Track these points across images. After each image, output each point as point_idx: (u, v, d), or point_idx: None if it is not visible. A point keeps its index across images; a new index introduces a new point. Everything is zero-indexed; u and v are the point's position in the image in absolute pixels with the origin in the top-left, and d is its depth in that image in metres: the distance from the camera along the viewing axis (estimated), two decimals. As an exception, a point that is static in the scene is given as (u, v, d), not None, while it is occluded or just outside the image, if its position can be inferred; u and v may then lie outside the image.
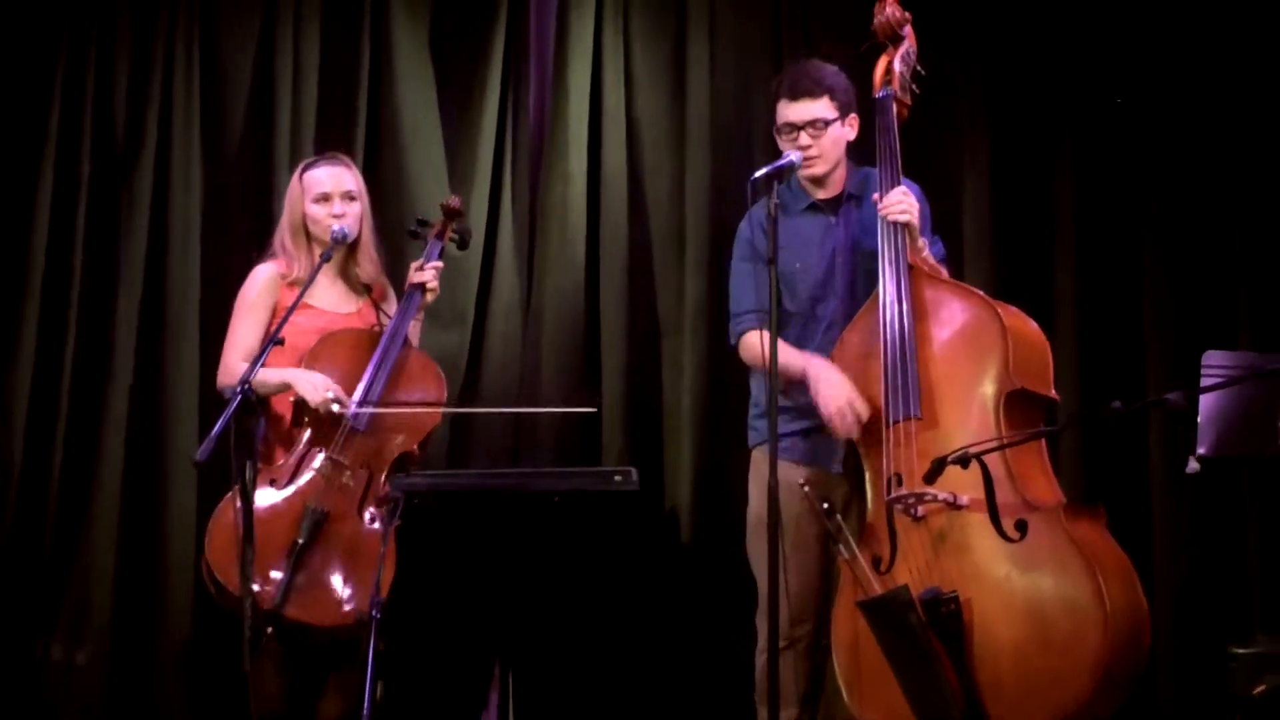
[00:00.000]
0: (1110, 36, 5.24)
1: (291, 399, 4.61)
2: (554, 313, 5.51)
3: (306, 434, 4.60)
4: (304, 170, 4.80)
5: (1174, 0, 5.15)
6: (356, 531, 4.49)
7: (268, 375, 4.55)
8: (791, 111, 4.40)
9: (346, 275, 4.83)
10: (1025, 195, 5.27)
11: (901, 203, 4.27)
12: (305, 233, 4.75)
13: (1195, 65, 5.11)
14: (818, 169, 4.45)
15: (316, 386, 4.54)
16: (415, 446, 4.71)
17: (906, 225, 4.26)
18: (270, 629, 4.33)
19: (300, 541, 4.41)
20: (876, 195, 4.33)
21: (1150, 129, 5.16)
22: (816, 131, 4.40)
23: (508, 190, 5.59)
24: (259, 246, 4.89)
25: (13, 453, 5.23)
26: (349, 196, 4.74)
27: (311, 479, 4.55)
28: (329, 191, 4.72)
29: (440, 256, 4.86)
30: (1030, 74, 5.31)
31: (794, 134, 4.40)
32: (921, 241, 4.33)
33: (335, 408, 4.53)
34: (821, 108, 4.40)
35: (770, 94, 4.51)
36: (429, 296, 4.78)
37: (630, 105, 5.60)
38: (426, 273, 4.76)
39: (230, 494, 4.39)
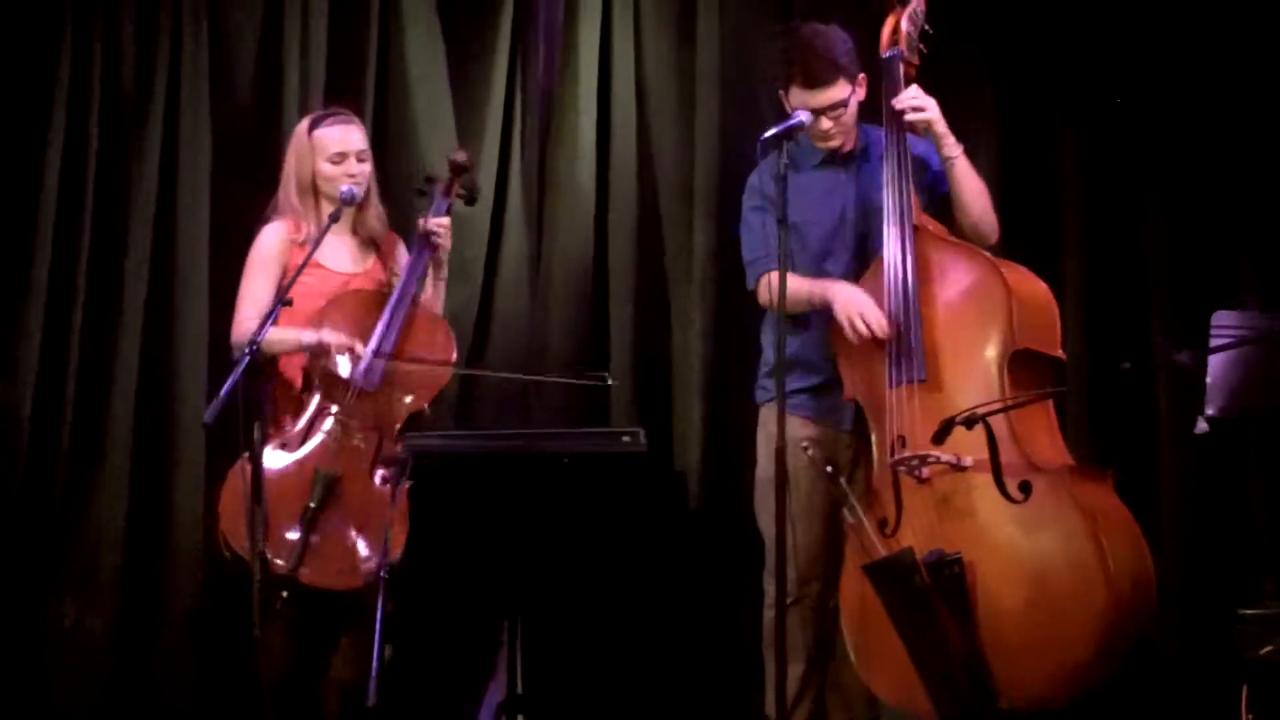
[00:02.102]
0: (1115, 3, 5.21)
1: (303, 365, 4.62)
2: (563, 270, 5.50)
3: (316, 398, 4.60)
4: (313, 127, 4.76)
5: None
6: (368, 493, 4.49)
7: (281, 333, 4.55)
8: (812, 100, 4.36)
9: (355, 232, 4.82)
10: (1031, 158, 5.24)
11: (917, 98, 4.30)
12: (314, 191, 4.74)
13: (1200, 28, 5.07)
14: (836, 142, 4.48)
15: (332, 333, 4.54)
16: (425, 405, 4.70)
17: (929, 125, 4.29)
18: (284, 593, 4.35)
19: (312, 505, 4.42)
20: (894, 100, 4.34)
21: (1154, 91, 5.13)
22: (836, 113, 4.40)
23: (516, 146, 5.56)
24: (268, 202, 4.85)
25: (22, 410, 5.21)
26: (362, 157, 4.74)
27: (321, 442, 4.56)
28: (345, 151, 4.71)
29: (448, 213, 4.84)
30: (1036, 38, 5.28)
31: (815, 119, 4.37)
32: (952, 139, 4.33)
33: (348, 356, 4.53)
34: (838, 90, 4.38)
35: (778, 74, 4.44)
36: (440, 251, 4.77)
37: (639, 61, 5.56)
38: (433, 224, 4.74)
39: (240, 461, 4.38)
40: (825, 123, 4.38)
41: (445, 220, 4.79)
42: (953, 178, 4.35)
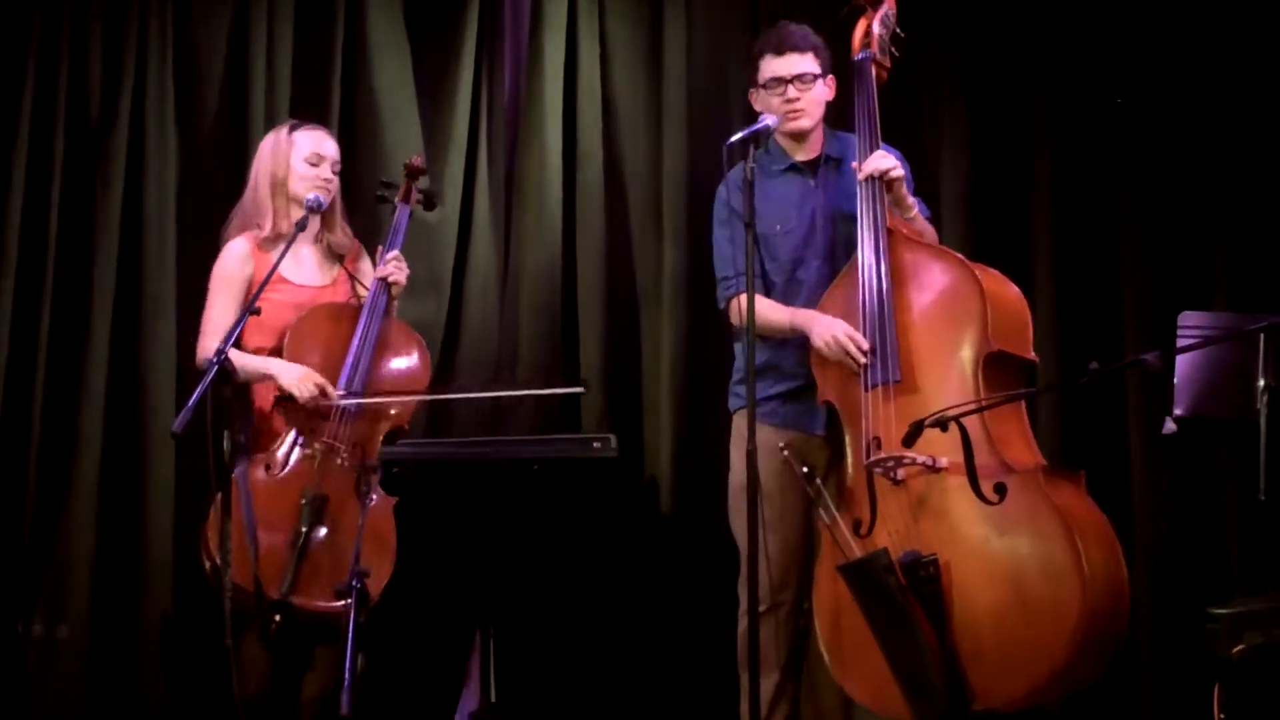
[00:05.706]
0: (1087, 4, 5.24)
1: (275, 392, 4.58)
2: (531, 284, 5.50)
3: (296, 420, 4.56)
4: (292, 129, 4.76)
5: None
6: (355, 514, 4.43)
7: (249, 362, 4.53)
8: (779, 65, 4.42)
9: (321, 242, 4.80)
10: (1003, 161, 5.27)
11: (888, 157, 4.31)
12: (286, 191, 4.71)
13: (1171, 31, 5.11)
14: (804, 122, 4.47)
15: (301, 380, 4.50)
16: (405, 422, 4.68)
17: (895, 182, 4.29)
18: (278, 617, 4.29)
19: (304, 529, 4.38)
20: (855, 164, 4.35)
21: (1127, 94, 5.16)
22: (804, 85, 4.43)
23: (483, 164, 5.57)
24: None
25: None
26: (335, 168, 4.75)
27: (306, 464, 4.51)
28: (323, 154, 4.72)
29: (410, 219, 4.85)
30: (1008, 40, 5.31)
31: (781, 88, 4.42)
32: (911, 200, 4.36)
33: (321, 400, 4.50)
34: (808, 62, 4.43)
35: (751, 54, 4.52)
36: (395, 290, 4.72)
37: (606, 80, 5.60)
38: (388, 267, 4.71)
39: (232, 477, 4.34)
40: (791, 91, 4.41)
41: (395, 255, 4.73)
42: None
